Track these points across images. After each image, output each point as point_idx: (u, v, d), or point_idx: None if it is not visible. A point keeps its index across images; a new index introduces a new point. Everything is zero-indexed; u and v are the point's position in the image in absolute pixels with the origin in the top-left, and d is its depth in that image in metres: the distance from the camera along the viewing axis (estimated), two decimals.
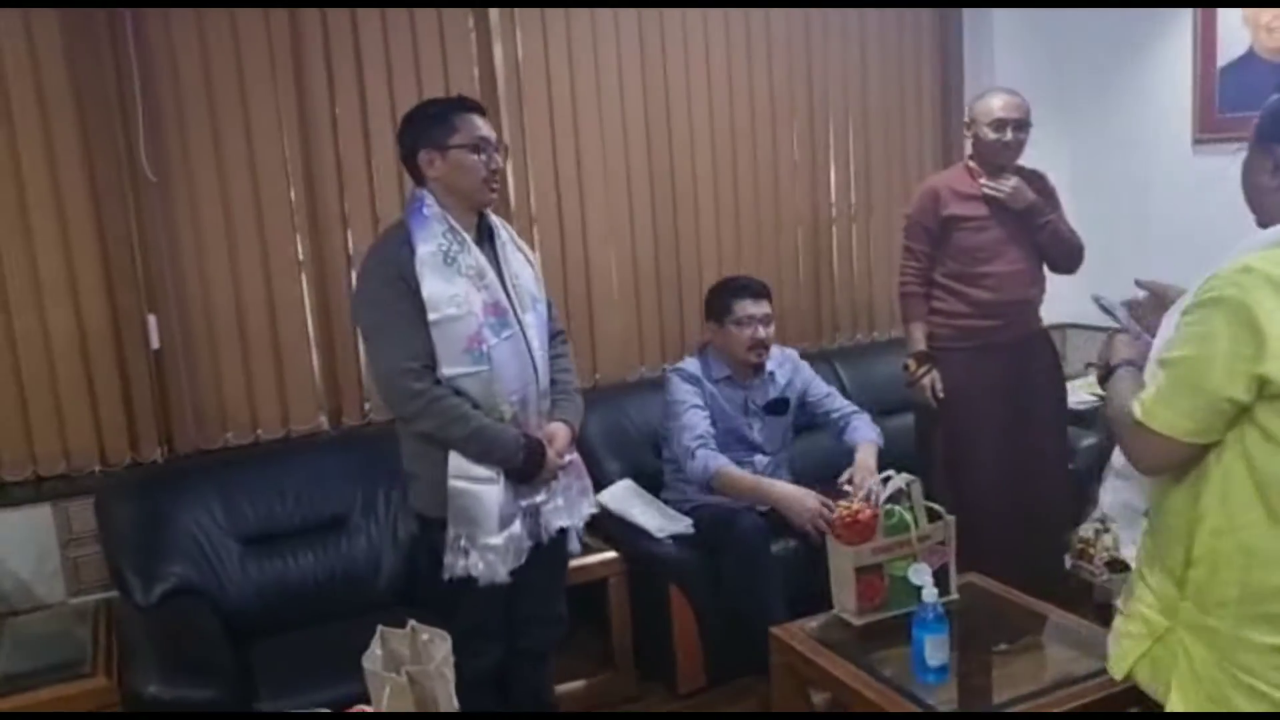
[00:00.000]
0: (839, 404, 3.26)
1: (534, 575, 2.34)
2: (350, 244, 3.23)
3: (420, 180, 2.29)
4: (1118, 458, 1.74)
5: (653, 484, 3.31)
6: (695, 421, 3.05)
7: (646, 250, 3.73)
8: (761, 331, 3.10)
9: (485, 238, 2.33)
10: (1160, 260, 3.94)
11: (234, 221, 3.08)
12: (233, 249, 3.09)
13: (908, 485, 2.49)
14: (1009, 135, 3.05)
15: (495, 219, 2.38)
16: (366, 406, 3.29)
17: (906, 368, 3.22)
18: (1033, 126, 3.11)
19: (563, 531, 2.42)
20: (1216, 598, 1.50)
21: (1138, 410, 1.54)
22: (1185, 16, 3.84)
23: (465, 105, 2.30)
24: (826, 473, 3.13)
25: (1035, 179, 3.17)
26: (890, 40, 4.12)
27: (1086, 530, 3.26)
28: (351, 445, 3.17)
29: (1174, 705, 1.56)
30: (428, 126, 2.26)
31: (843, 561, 2.44)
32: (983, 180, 3.09)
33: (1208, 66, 3.81)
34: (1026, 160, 3.20)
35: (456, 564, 2.23)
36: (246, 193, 3.08)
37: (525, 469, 2.27)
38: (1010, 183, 3.06)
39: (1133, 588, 1.68)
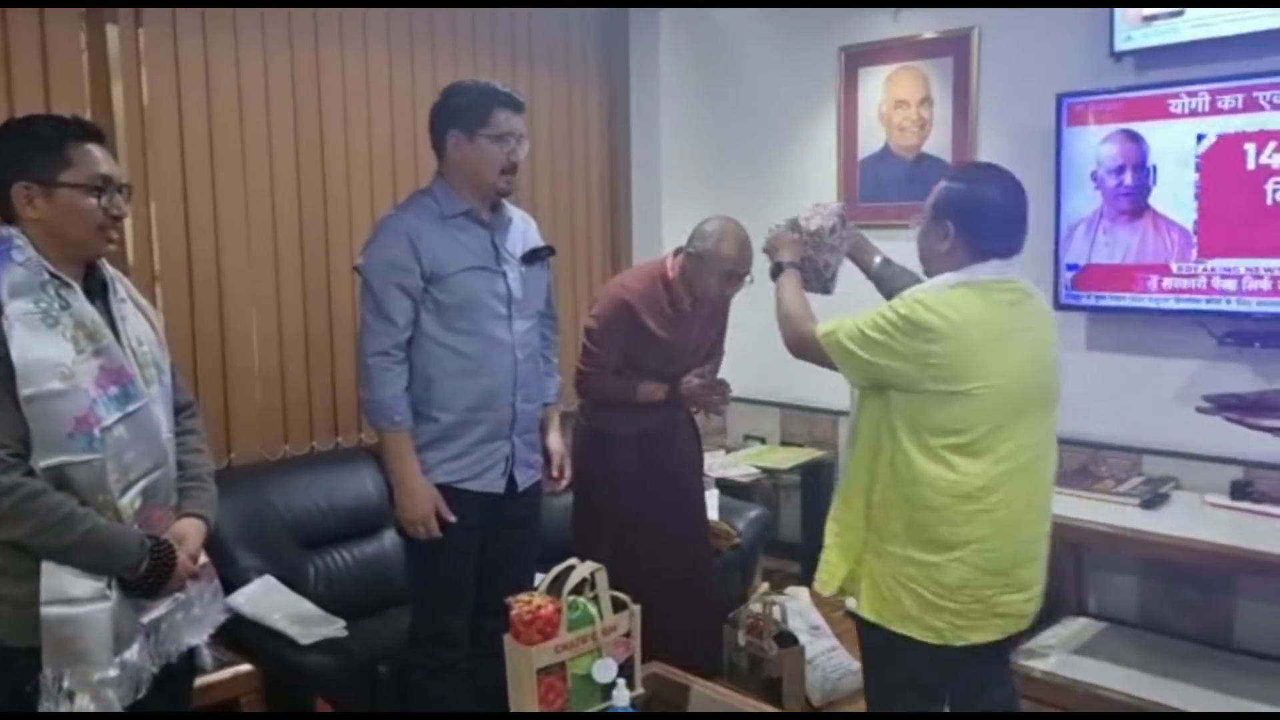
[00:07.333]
0: (546, 328, 2.73)
1: (153, 708, 1.87)
2: None
3: (9, 218, 1.81)
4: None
5: (296, 580, 2.88)
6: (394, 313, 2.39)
7: (294, 312, 3.33)
8: (519, 153, 2.47)
9: (98, 292, 1.88)
10: None
11: None
12: None
13: (592, 574, 2.29)
14: (730, 289, 2.91)
15: (110, 270, 1.94)
16: None
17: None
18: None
19: (192, 649, 1.98)
20: (889, 531, 2.09)
21: (819, 333, 2.15)
22: (830, 113, 4.11)
23: (83, 132, 1.86)
24: None
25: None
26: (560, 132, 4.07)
27: (756, 605, 3.24)
28: None
29: (862, 605, 2.13)
30: (28, 154, 1.79)
31: (522, 662, 2.18)
32: None
33: (850, 160, 4.08)
34: None
35: (60, 710, 1.73)
36: None
37: (151, 579, 1.82)
38: None
39: (834, 526, 2.20)
